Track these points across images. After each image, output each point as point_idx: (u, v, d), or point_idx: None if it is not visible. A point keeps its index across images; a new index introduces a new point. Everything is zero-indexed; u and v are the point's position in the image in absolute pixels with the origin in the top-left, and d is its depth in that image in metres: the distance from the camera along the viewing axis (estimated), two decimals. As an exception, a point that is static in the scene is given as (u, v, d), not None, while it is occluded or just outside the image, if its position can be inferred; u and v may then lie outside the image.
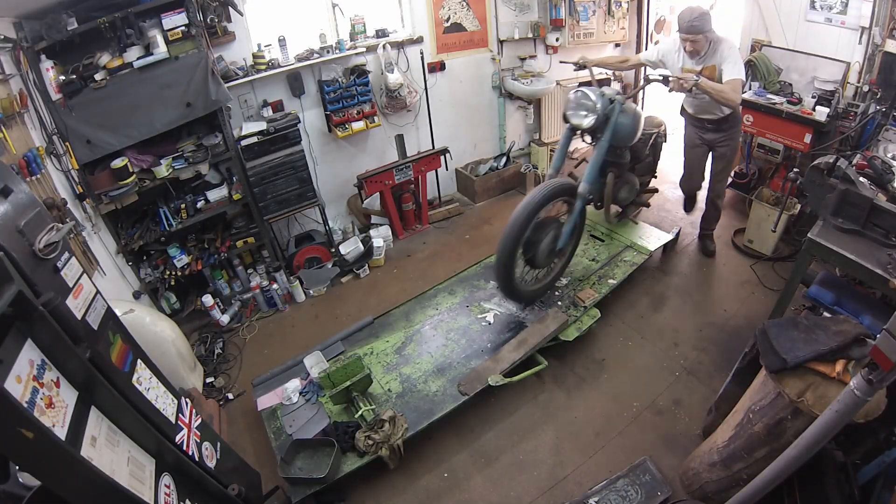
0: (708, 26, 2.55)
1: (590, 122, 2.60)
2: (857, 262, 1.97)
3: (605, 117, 2.60)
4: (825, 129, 2.94)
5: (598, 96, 2.57)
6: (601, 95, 2.59)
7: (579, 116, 2.65)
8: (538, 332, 2.56)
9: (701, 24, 2.53)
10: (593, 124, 2.59)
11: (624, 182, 3.09)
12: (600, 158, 2.65)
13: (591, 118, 2.59)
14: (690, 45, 2.63)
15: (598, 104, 2.56)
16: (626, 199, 3.24)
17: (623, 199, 3.22)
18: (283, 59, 3.25)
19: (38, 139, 2.44)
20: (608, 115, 2.59)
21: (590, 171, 2.64)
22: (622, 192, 3.13)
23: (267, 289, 3.35)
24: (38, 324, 1.09)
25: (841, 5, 2.94)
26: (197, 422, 1.75)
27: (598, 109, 2.56)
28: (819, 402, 1.39)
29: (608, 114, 2.59)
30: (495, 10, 4.09)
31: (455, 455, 2.28)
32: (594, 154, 2.67)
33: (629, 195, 3.23)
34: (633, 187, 3.23)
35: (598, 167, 2.66)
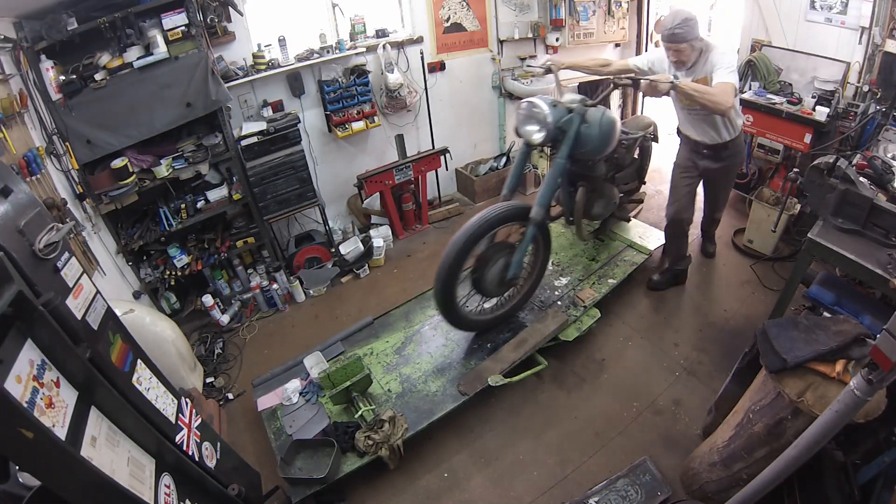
0: (693, 34, 2.27)
1: (540, 138, 2.32)
2: (857, 262, 1.97)
3: (561, 130, 2.32)
4: (825, 129, 2.94)
5: (549, 106, 2.28)
6: (553, 105, 2.29)
7: (530, 131, 2.36)
8: (538, 332, 2.56)
9: (684, 31, 2.25)
10: (544, 139, 2.32)
11: (598, 196, 2.80)
12: (555, 178, 2.38)
13: (541, 133, 2.31)
14: (674, 54, 2.35)
15: (549, 116, 2.27)
16: (602, 214, 2.95)
17: (598, 214, 2.92)
18: (283, 59, 3.25)
19: (38, 139, 2.44)
20: (564, 128, 2.31)
21: (543, 193, 2.36)
22: (596, 207, 2.83)
23: (267, 289, 3.35)
24: (38, 324, 1.09)
25: (841, 5, 2.94)
26: (197, 422, 1.75)
27: (548, 122, 2.28)
28: (819, 402, 1.39)
29: (564, 126, 2.31)
30: (495, 10, 4.09)
31: (455, 455, 2.28)
32: (548, 173, 2.39)
33: (605, 210, 2.92)
34: (610, 201, 2.91)
35: (553, 188, 2.39)
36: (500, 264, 2.41)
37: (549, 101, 2.32)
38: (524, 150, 2.53)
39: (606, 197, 2.86)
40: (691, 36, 2.28)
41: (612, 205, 2.95)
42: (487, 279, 2.42)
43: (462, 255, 2.23)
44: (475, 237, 2.24)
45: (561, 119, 2.30)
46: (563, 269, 3.05)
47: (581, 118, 2.32)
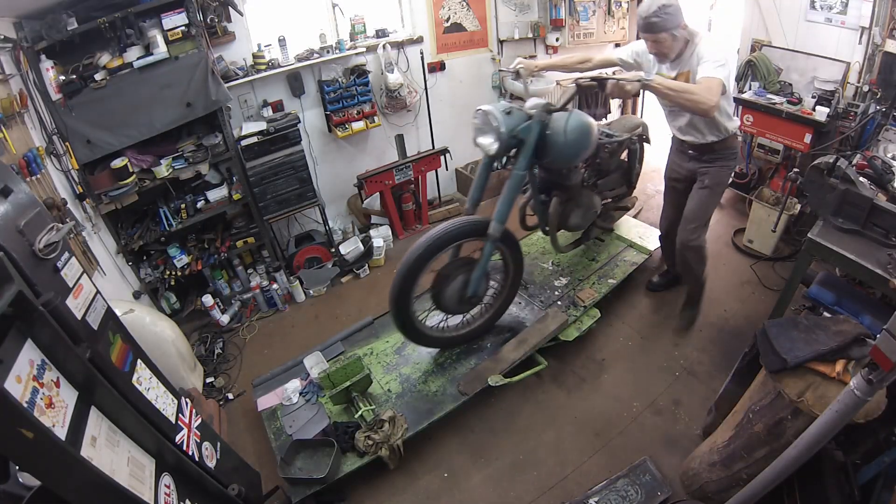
0: (673, 22, 2.00)
1: (494, 148, 2.14)
2: (857, 262, 1.97)
3: (518, 140, 2.15)
4: (825, 129, 2.94)
5: (502, 114, 2.10)
6: (507, 113, 2.12)
7: (483, 142, 2.20)
8: (538, 331, 2.56)
9: (661, 20, 1.99)
10: (497, 150, 2.15)
11: (575, 206, 2.63)
12: (512, 192, 2.20)
13: (494, 144, 2.14)
14: (652, 46, 2.12)
15: (501, 126, 2.09)
16: (580, 224, 2.76)
17: (576, 225, 2.74)
18: (283, 59, 3.25)
19: (38, 139, 2.44)
20: (521, 137, 2.14)
21: (500, 209, 2.20)
22: (573, 218, 2.66)
23: (267, 289, 3.35)
24: (38, 324, 1.09)
25: (841, 5, 2.94)
26: (197, 422, 1.75)
27: (501, 132, 2.10)
28: (819, 402, 1.39)
29: (521, 135, 2.14)
30: (495, 10, 4.09)
31: (455, 455, 2.28)
32: (506, 185, 2.22)
33: (583, 220, 2.74)
34: (590, 210, 2.72)
35: (510, 203, 2.21)
36: (459, 281, 2.31)
37: (504, 108, 2.14)
38: (485, 162, 2.31)
39: (584, 206, 2.69)
40: (671, 24, 2.01)
41: (591, 214, 2.77)
42: (446, 296, 2.32)
43: (412, 274, 2.14)
44: (426, 257, 2.14)
45: (517, 127, 2.12)
46: (563, 269, 3.05)
47: (542, 125, 2.15)
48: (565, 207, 2.61)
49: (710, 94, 1.89)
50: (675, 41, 2.08)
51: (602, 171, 2.84)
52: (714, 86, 1.91)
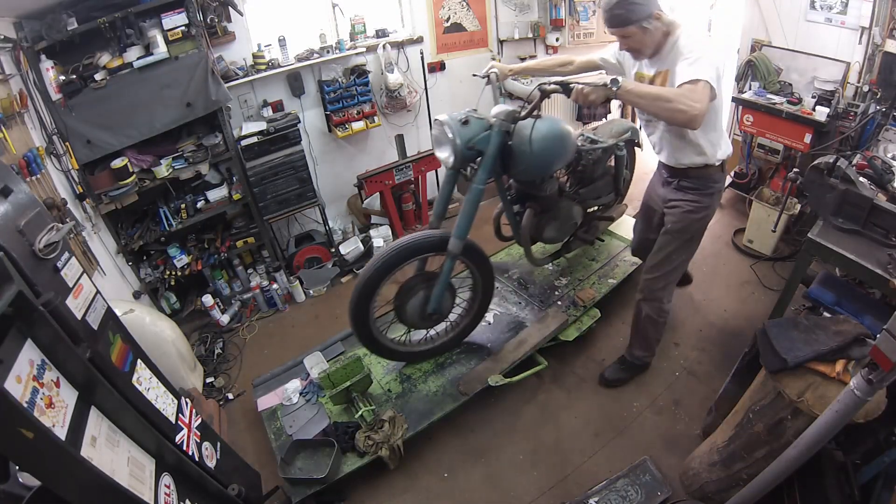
0: (641, 12, 1.68)
1: (451, 162, 2.02)
2: (857, 262, 1.97)
3: (477, 151, 2.01)
4: (825, 129, 2.94)
5: (458, 125, 1.96)
6: (464, 123, 1.97)
7: (440, 155, 2.08)
8: (538, 331, 2.55)
9: (625, 11, 1.69)
10: (454, 163, 2.02)
11: (551, 218, 2.47)
12: (471, 206, 2.05)
13: (451, 157, 2.01)
14: (623, 42, 1.82)
15: (457, 137, 1.95)
16: (557, 237, 2.61)
17: (552, 238, 2.59)
18: (283, 59, 3.25)
19: (38, 139, 2.44)
20: (480, 149, 2.00)
21: (459, 224, 2.06)
22: (548, 230, 2.51)
23: (267, 289, 3.35)
24: (38, 324, 1.09)
25: (841, 5, 2.94)
26: (197, 422, 1.75)
27: (456, 144, 1.95)
28: (819, 402, 1.39)
29: (478, 146, 1.99)
30: (495, 10, 4.09)
31: (455, 455, 2.28)
32: (465, 200, 2.07)
33: (560, 233, 2.59)
34: (567, 222, 2.56)
35: (470, 218, 2.06)
36: (420, 297, 2.22)
37: (461, 117, 1.99)
38: (447, 175, 2.17)
39: (561, 218, 2.52)
40: (638, 15, 1.69)
41: (569, 226, 2.61)
42: (408, 312, 2.24)
43: (367, 292, 2.06)
44: (380, 274, 2.05)
45: (474, 138, 1.97)
46: (563, 269, 3.05)
47: (502, 135, 2.00)
48: (540, 219, 2.45)
49: (692, 99, 1.53)
50: (648, 34, 1.74)
51: (585, 179, 2.68)
52: (698, 89, 1.56)
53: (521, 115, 2.01)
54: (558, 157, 2.20)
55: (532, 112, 1.99)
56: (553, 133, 2.10)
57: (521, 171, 2.15)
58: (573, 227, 2.68)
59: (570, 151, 2.27)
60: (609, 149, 2.64)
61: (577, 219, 2.65)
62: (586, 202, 2.73)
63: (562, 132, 2.16)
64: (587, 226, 2.88)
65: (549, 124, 2.09)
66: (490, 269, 2.36)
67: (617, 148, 2.70)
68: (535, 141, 2.01)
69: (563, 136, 2.16)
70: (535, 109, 1.99)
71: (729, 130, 3.92)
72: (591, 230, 2.93)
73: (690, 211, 2.01)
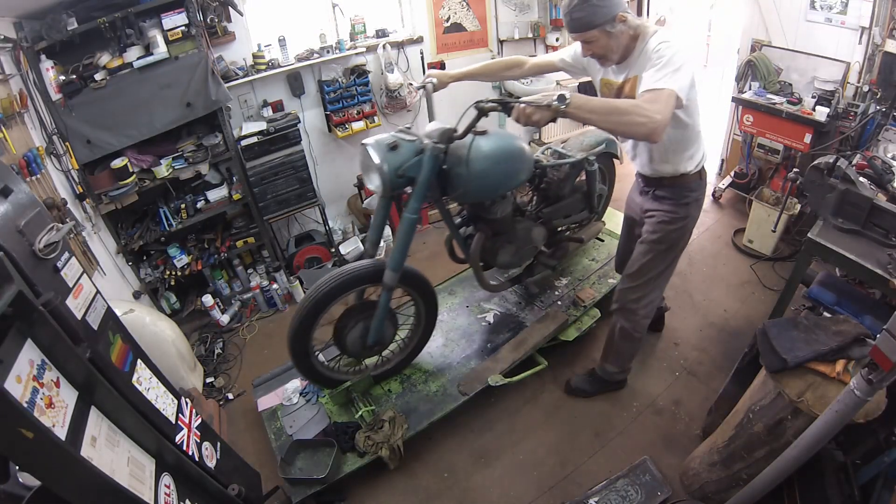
0: (604, 15, 1.53)
1: (378, 188, 1.85)
2: (857, 262, 1.97)
3: (405, 179, 1.83)
4: (825, 129, 2.94)
5: (385, 151, 1.77)
6: (392, 148, 1.78)
7: (368, 182, 1.91)
8: (538, 331, 2.55)
9: (587, 14, 1.54)
10: (383, 192, 1.84)
11: (505, 242, 2.26)
12: (405, 238, 1.90)
13: (380, 186, 1.83)
14: (585, 47, 1.66)
15: (384, 164, 1.77)
16: (513, 262, 2.39)
17: (506, 263, 2.37)
18: (283, 59, 3.25)
19: (38, 139, 2.44)
20: (410, 174, 1.82)
21: (394, 256, 1.92)
22: (502, 255, 2.28)
23: (267, 289, 3.35)
24: (38, 324, 1.09)
25: (841, 5, 2.94)
26: (197, 422, 1.75)
27: (384, 172, 1.77)
28: (819, 402, 1.39)
29: (408, 173, 1.81)
30: (495, 10, 4.09)
31: (455, 455, 2.28)
32: (398, 230, 1.92)
33: (515, 258, 2.36)
34: (524, 246, 2.34)
35: (404, 250, 1.92)
36: (359, 329, 2.10)
37: (389, 141, 1.80)
38: (380, 202, 1.97)
39: (517, 242, 2.30)
40: (601, 18, 1.54)
41: (528, 250, 2.39)
42: (348, 342, 2.13)
43: (304, 328, 1.97)
44: (316, 310, 1.94)
45: (403, 165, 1.79)
46: (562, 270, 3.05)
47: (435, 160, 1.81)
48: (493, 243, 2.24)
49: (651, 111, 1.39)
50: (613, 38, 1.59)
51: (550, 197, 2.48)
52: (661, 98, 1.42)
53: (457, 135, 1.82)
54: (506, 178, 2.02)
55: (469, 131, 1.80)
56: (497, 152, 1.92)
57: (460, 194, 1.96)
58: (533, 250, 2.44)
59: (523, 170, 2.09)
60: (578, 164, 2.43)
61: (539, 241, 2.43)
62: (552, 222, 2.53)
63: (508, 150, 1.97)
64: (556, 247, 2.69)
65: (493, 142, 1.91)
66: (433, 297, 2.25)
67: (587, 163, 2.48)
68: (472, 162, 1.83)
69: (511, 154, 1.99)
70: (471, 128, 1.79)
71: (729, 130, 3.93)
72: (557, 252, 2.69)
73: (665, 221, 1.90)
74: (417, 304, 2.28)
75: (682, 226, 1.90)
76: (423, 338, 2.40)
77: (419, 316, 2.32)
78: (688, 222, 1.91)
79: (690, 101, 1.60)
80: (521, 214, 2.39)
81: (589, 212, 2.76)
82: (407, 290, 2.17)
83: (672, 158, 1.80)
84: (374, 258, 2.05)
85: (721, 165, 4.16)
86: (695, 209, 1.91)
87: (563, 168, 2.43)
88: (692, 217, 1.91)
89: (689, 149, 1.79)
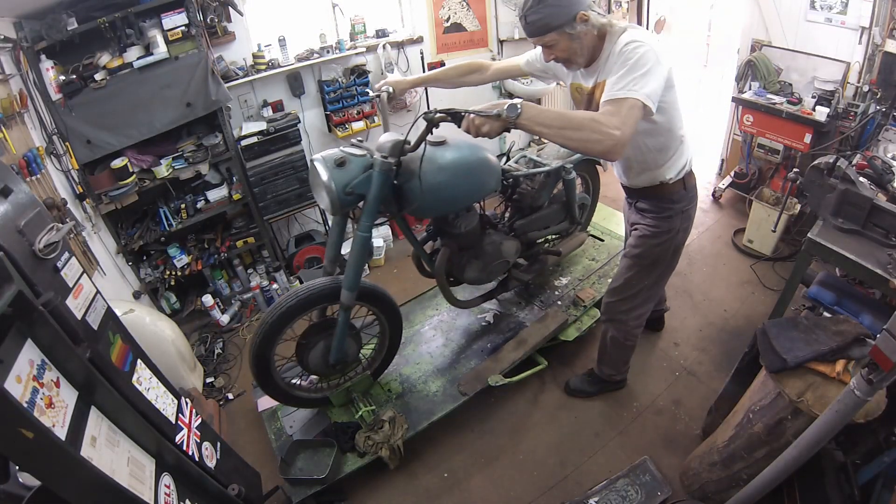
0: (562, 16, 1.41)
1: (327, 206, 1.78)
2: (857, 262, 1.97)
3: (355, 196, 1.75)
4: (825, 129, 2.94)
5: (332, 168, 1.71)
6: (338, 165, 1.72)
7: (319, 201, 1.84)
8: (538, 331, 2.55)
9: (543, 16, 1.42)
10: (333, 210, 1.78)
11: (472, 257, 2.19)
12: (359, 256, 1.84)
13: (326, 200, 1.77)
14: (546, 52, 1.55)
15: (332, 182, 1.70)
16: (483, 277, 2.30)
17: (475, 279, 2.28)
18: (283, 59, 3.25)
19: (38, 139, 2.44)
20: (360, 192, 1.74)
21: (348, 275, 1.86)
22: (469, 270, 2.21)
23: (267, 289, 3.35)
24: (38, 324, 1.09)
25: (841, 5, 2.94)
26: (197, 422, 1.75)
27: (332, 190, 1.70)
28: (819, 402, 1.39)
29: (357, 190, 1.73)
30: (495, 10, 4.09)
31: (455, 455, 2.28)
32: (351, 248, 1.86)
33: (484, 273, 2.26)
34: (493, 260, 2.25)
35: (359, 268, 1.87)
36: (320, 348, 2.04)
37: (337, 157, 1.73)
38: (334, 220, 1.94)
39: (485, 257, 2.21)
40: (558, 21, 1.42)
41: (497, 265, 2.29)
42: (310, 361, 2.06)
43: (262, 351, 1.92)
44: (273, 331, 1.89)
45: (352, 182, 1.72)
46: (563, 269, 3.05)
47: (386, 174, 1.73)
48: (460, 258, 2.18)
49: (610, 125, 1.26)
50: (576, 40, 1.47)
51: (524, 209, 2.40)
52: (622, 111, 1.29)
53: (409, 147, 1.73)
54: (466, 191, 1.94)
55: (420, 142, 1.71)
56: (454, 164, 1.84)
57: (415, 209, 1.87)
58: (504, 265, 2.35)
59: (487, 182, 2.02)
60: (554, 172, 2.34)
61: (510, 255, 2.33)
62: (528, 235, 2.45)
63: (467, 161, 1.88)
64: (533, 260, 2.59)
65: (450, 154, 1.84)
66: (396, 313, 2.20)
67: (564, 171, 2.38)
68: (425, 175, 1.73)
69: (470, 165, 1.90)
70: (422, 140, 1.71)
71: (729, 130, 3.93)
72: (533, 266, 2.58)
73: (647, 236, 1.80)
74: (381, 321, 2.21)
75: (666, 240, 1.79)
76: (389, 355, 2.35)
77: (383, 333, 2.27)
78: (672, 236, 1.79)
79: (666, 104, 1.48)
80: (493, 227, 2.32)
81: (570, 223, 2.67)
82: (368, 307, 2.12)
83: (649, 167, 1.68)
84: (333, 276, 2.00)
85: (721, 165, 4.16)
86: (680, 221, 1.76)
87: (536, 178, 2.34)
88: (677, 230, 1.78)
89: (667, 156, 1.65)
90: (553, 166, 2.36)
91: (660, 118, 1.50)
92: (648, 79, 1.32)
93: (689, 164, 1.72)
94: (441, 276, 2.19)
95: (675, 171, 1.68)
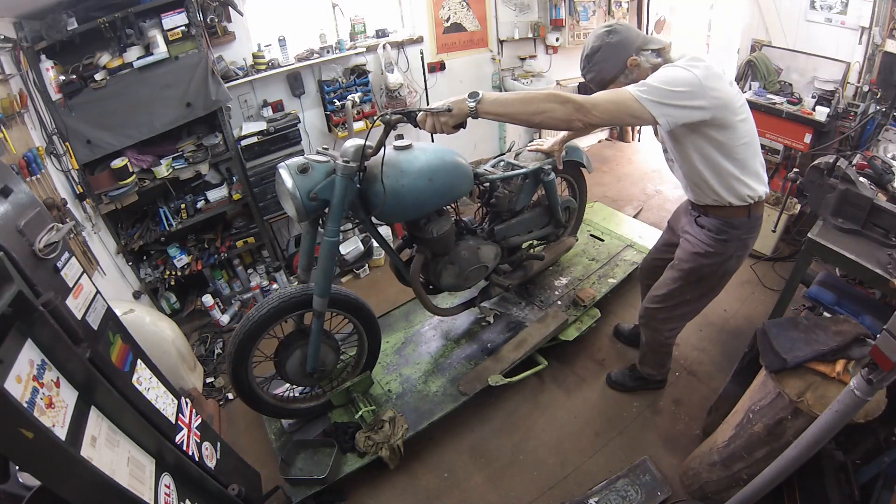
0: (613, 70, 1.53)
1: (293, 213, 1.79)
2: (857, 262, 1.97)
3: (319, 202, 1.75)
4: (825, 129, 2.94)
5: (295, 174, 1.72)
6: (302, 171, 1.72)
7: (286, 208, 1.84)
8: (538, 331, 2.55)
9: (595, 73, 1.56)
10: (299, 217, 1.79)
11: (447, 263, 2.16)
12: (327, 262, 1.82)
13: (292, 207, 1.77)
14: None
15: (296, 190, 1.71)
16: (459, 284, 2.27)
17: (452, 286, 2.26)
18: (283, 59, 3.25)
19: (38, 139, 2.45)
20: (323, 198, 1.74)
21: (319, 281, 1.85)
22: (445, 277, 2.18)
23: (267, 289, 3.35)
24: (38, 324, 1.09)
25: (841, 5, 2.94)
26: (197, 422, 1.75)
27: (296, 197, 1.71)
28: (819, 402, 1.40)
29: (320, 196, 1.73)
30: (495, 10, 4.10)
31: (455, 455, 2.28)
32: (320, 254, 1.85)
33: (460, 280, 2.24)
34: (469, 266, 2.22)
35: (329, 274, 1.84)
36: (297, 356, 2.03)
37: (300, 164, 1.74)
38: (304, 227, 1.96)
39: (461, 262, 2.18)
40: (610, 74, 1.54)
41: (475, 271, 2.25)
42: (288, 369, 2.04)
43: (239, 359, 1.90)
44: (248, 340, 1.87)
45: (315, 188, 1.72)
46: (562, 269, 3.05)
47: (349, 179, 1.73)
48: (435, 265, 2.14)
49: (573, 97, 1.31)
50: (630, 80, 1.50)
51: (503, 213, 2.35)
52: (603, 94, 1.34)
53: (371, 151, 1.74)
54: (431, 195, 1.91)
55: (381, 146, 1.73)
56: (417, 167, 1.83)
57: (379, 213, 1.87)
58: (482, 270, 2.30)
59: (457, 186, 2.00)
60: (532, 174, 2.30)
61: (489, 261, 2.30)
62: (509, 240, 2.40)
63: (432, 165, 1.87)
64: (517, 266, 2.53)
65: (413, 157, 1.84)
66: (371, 319, 2.17)
67: (542, 173, 2.34)
68: (388, 179, 1.76)
69: (435, 169, 1.88)
70: (382, 143, 1.73)
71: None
72: (517, 272, 2.52)
73: (699, 253, 1.77)
74: (357, 328, 2.20)
75: (716, 262, 1.76)
76: (369, 363, 2.34)
77: (360, 340, 2.26)
78: (724, 260, 1.75)
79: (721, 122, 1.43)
80: (470, 232, 2.28)
81: (555, 226, 2.60)
82: (342, 314, 2.11)
83: (704, 188, 1.65)
84: (305, 284, 1.99)
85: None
86: (735, 248, 1.73)
87: (514, 181, 2.29)
88: (730, 256, 1.74)
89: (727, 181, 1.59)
90: (530, 168, 2.32)
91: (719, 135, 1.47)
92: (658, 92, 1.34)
93: (756, 196, 1.65)
94: (416, 283, 2.16)
95: (739, 197, 1.63)
